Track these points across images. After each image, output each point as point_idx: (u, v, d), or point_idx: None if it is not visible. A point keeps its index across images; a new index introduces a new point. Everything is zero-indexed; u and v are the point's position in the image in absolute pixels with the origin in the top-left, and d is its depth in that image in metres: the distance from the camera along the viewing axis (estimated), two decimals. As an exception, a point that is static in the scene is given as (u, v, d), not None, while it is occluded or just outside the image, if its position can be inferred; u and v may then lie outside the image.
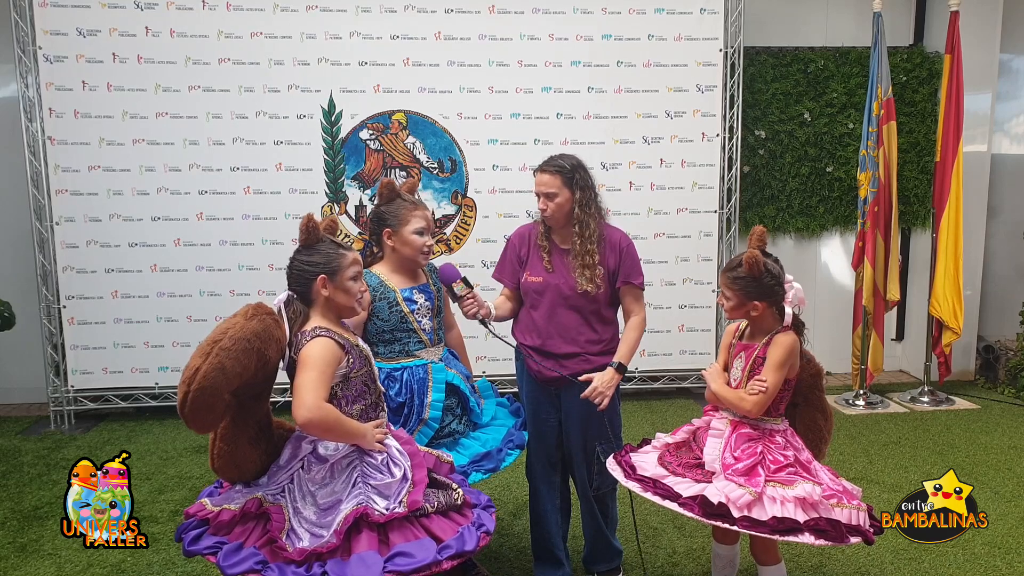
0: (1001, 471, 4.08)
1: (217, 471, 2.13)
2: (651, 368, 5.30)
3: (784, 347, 2.44)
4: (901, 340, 6.00)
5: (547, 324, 2.81)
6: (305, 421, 2.01)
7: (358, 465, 2.13)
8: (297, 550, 1.96)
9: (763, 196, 5.60)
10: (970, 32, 5.09)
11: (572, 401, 2.83)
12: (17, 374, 5.31)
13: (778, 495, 2.28)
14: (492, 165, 5.01)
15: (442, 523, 2.12)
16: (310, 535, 2.00)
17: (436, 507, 2.14)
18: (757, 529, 2.23)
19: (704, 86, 5.05)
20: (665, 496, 2.35)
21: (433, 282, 2.79)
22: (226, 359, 1.92)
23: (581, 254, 2.76)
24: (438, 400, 2.63)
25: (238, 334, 1.97)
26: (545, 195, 2.76)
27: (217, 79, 4.75)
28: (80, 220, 4.77)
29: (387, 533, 2.03)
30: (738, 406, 2.45)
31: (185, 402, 1.89)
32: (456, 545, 2.05)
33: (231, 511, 2.05)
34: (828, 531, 2.23)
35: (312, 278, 2.16)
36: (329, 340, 2.11)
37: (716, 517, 2.24)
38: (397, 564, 1.96)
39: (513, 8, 4.88)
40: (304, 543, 1.98)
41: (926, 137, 5.61)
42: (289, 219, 4.85)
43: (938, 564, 3.14)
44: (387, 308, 2.65)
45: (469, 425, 2.76)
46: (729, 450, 2.41)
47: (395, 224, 2.67)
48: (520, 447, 2.77)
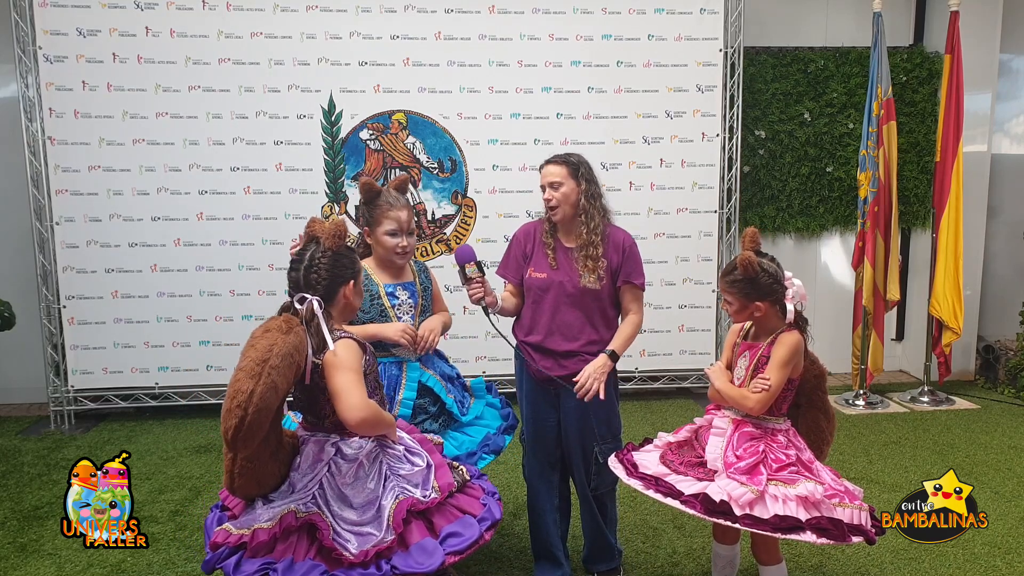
0: (1001, 471, 4.08)
1: (236, 491, 2.04)
2: (651, 368, 5.30)
3: (789, 346, 2.45)
4: (901, 340, 6.00)
5: (549, 321, 2.81)
6: (359, 421, 2.02)
7: (383, 459, 2.15)
8: (360, 552, 1.95)
9: (763, 196, 5.60)
10: (970, 32, 5.09)
11: (571, 401, 2.82)
12: (17, 374, 5.31)
13: (780, 494, 2.28)
14: (492, 165, 5.01)
15: (465, 500, 2.20)
16: (355, 536, 1.99)
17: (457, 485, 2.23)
18: (759, 527, 2.23)
19: (704, 86, 5.05)
20: (667, 494, 2.36)
21: (420, 281, 2.81)
22: (277, 377, 1.90)
23: (586, 245, 2.76)
24: (408, 399, 2.64)
25: (283, 350, 1.94)
26: (551, 184, 2.77)
27: (217, 79, 4.75)
28: (80, 220, 4.77)
29: (429, 519, 2.10)
30: (741, 404, 2.46)
31: (242, 427, 1.85)
32: (490, 516, 2.16)
33: (266, 529, 1.97)
34: (830, 530, 2.23)
35: (343, 282, 2.18)
36: (351, 340, 2.12)
37: (718, 515, 2.24)
38: (451, 545, 2.04)
39: (513, 8, 4.88)
40: (352, 545, 1.97)
41: (926, 137, 5.61)
42: (289, 219, 4.85)
43: (938, 564, 3.14)
44: (368, 301, 2.68)
45: (447, 425, 2.76)
46: (731, 448, 2.41)
47: (371, 225, 2.73)
48: (496, 452, 2.77)
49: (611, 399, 2.88)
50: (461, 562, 3.15)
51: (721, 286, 2.56)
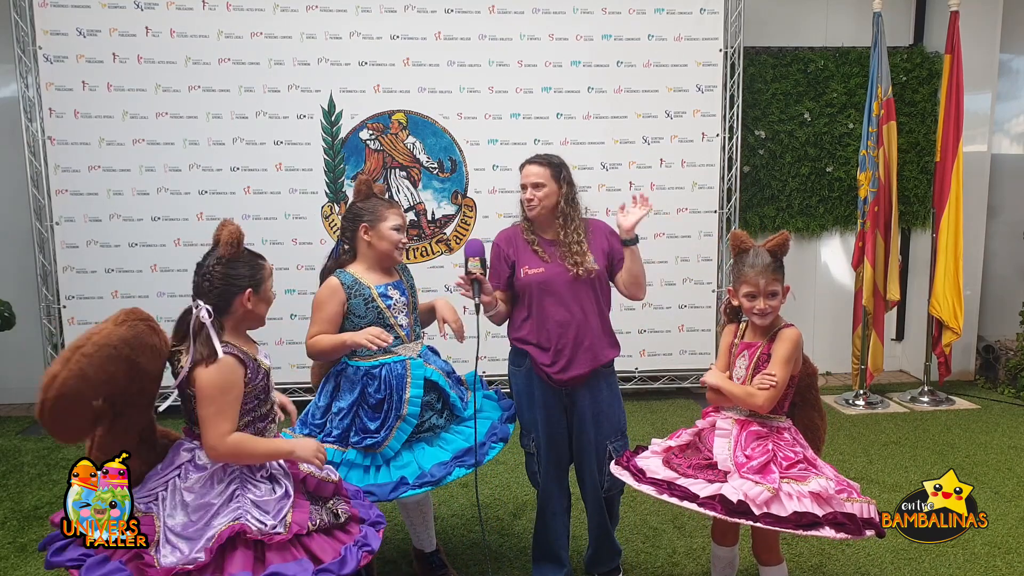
0: (1001, 471, 4.08)
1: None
2: (651, 368, 5.30)
3: (791, 341, 2.44)
4: (901, 340, 6.00)
5: (557, 312, 2.78)
6: (214, 457, 2.03)
7: (238, 476, 2.06)
8: (163, 568, 1.87)
9: (763, 196, 5.60)
10: (970, 32, 5.09)
11: (584, 401, 2.83)
12: (17, 374, 5.30)
13: (794, 491, 2.28)
14: (492, 165, 5.01)
15: (323, 542, 2.05)
16: (173, 548, 1.92)
17: (318, 525, 2.07)
18: (780, 525, 2.22)
19: (704, 86, 5.05)
20: (683, 497, 2.33)
21: (406, 279, 2.81)
22: (87, 366, 1.84)
23: (568, 243, 2.79)
24: (416, 395, 2.64)
25: (102, 340, 1.89)
26: (533, 185, 2.80)
27: (217, 79, 4.75)
28: (80, 220, 4.77)
29: (264, 552, 1.96)
30: (748, 402, 2.43)
31: (42, 410, 1.82)
32: (335, 569, 1.98)
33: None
34: (846, 524, 2.24)
35: (238, 291, 2.10)
36: (229, 360, 2.04)
37: (738, 515, 2.23)
38: None
39: (513, 8, 4.88)
40: (171, 558, 1.89)
41: (926, 137, 5.61)
42: (289, 219, 4.85)
43: (938, 564, 3.14)
44: (363, 304, 2.66)
45: (451, 419, 2.77)
46: (740, 448, 2.40)
47: (372, 220, 2.70)
48: (503, 440, 2.77)
49: (618, 395, 2.90)
50: (461, 562, 3.17)
51: (767, 279, 2.42)
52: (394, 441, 2.60)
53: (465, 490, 3.84)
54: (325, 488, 2.20)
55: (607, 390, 2.88)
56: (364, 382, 2.64)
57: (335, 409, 2.66)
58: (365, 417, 2.63)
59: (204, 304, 2.08)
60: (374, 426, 2.61)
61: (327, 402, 2.70)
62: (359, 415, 2.64)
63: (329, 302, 2.66)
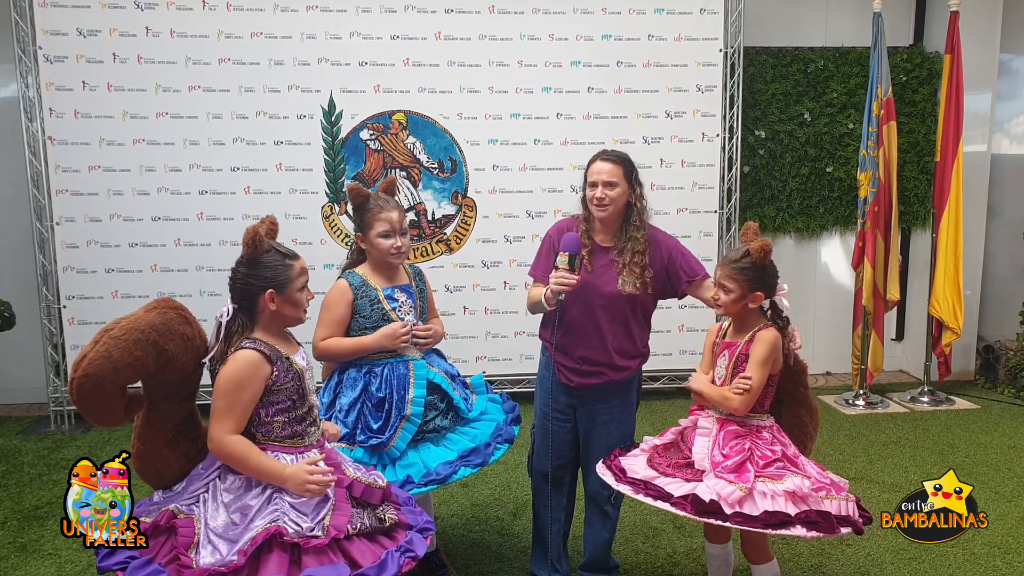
0: (1001, 471, 4.08)
1: (138, 472, 2.05)
2: (651, 368, 5.23)
3: (767, 343, 2.45)
4: (901, 340, 6.00)
5: (580, 323, 2.73)
6: (213, 452, 2.04)
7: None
8: (200, 569, 1.87)
9: (763, 196, 5.60)
10: (970, 32, 5.09)
11: (595, 407, 2.81)
12: (17, 374, 5.31)
13: (768, 490, 2.29)
14: (492, 165, 5.01)
15: (364, 546, 2.01)
16: (214, 550, 1.92)
17: (359, 529, 2.04)
18: (749, 524, 2.24)
19: (704, 86, 5.05)
20: (657, 497, 2.36)
21: (416, 284, 2.82)
22: (114, 348, 1.88)
23: (632, 252, 2.69)
24: (419, 396, 2.65)
25: (130, 324, 1.93)
26: (605, 183, 2.65)
27: (217, 79, 4.75)
28: (80, 220, 4.77)
29: (300, 555, 1.93)
30: (724, 405, 2.46)
31: (71, 389, 1.89)
32: (373, 573, 1.94)
33: (145, 523, 1.97)
34: (819, 522, 2.25)
35: (259, 292, 2.09)
36: (252, 354, 2.03)
37: (708, 515, 2.25)
38: None
39: (513, 8, 4.88)
40: (209, 559, 1.89)
41: (926, 137, 5.61)
42: (289, 219, 4.83)
43: (938, 564, 3.14)
44: (368, 305, 2.68)
45: (456, 420, 2.77)
46: (717, 447, 2.42)
47: (363, 229, 2.72)
48: (509, 441, 2.77)
49: (631, 404, 2.88)
50: (461, 561, 3.18)
51: (724, 272, 2.49)
52: (399, 441, 2.61)
53: (465, 490, 3.85)
54: (373, 494, 2.16)
55: (620, 397, 2.83)
56: (367, 380, 2.66)
57: (338, 406, 2.68)
58: (369, 415, 2.64)
59: (231, 303, 2.11)
60: (377, 425, 2.62)
61: (330, 399, 2.71)
62: (363, 412, 2.65)
63: (338, 304, 2.69)
